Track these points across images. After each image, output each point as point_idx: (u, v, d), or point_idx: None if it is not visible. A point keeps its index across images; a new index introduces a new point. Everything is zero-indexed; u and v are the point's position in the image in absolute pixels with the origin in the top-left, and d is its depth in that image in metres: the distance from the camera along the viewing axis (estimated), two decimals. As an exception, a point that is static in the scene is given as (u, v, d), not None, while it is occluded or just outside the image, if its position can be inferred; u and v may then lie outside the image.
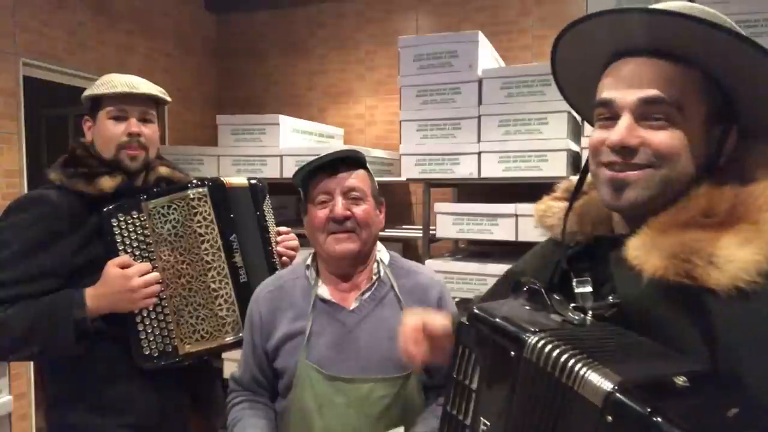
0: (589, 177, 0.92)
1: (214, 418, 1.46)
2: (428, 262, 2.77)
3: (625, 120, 0.78)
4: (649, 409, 0.58)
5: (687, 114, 0.77)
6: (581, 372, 0.65)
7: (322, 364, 1.29)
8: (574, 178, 0.98)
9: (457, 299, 2.64)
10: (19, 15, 2.89)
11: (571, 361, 0.67)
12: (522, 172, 2.56)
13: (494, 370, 0.76)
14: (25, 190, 2.93)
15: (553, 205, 0.98)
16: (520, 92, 2.57)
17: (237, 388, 1.43)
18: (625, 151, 0.78)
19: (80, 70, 3.22)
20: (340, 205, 1.30)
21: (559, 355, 0.68)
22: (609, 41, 0.82)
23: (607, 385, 0.62)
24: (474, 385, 0.79)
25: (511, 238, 2.53)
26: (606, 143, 0.80)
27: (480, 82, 2.65)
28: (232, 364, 1.48)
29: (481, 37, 2.72)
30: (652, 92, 0.77)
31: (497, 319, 0.77)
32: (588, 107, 0.90)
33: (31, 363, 2.95)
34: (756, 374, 0.66)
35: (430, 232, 2.88)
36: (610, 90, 0.81)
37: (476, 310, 0.80)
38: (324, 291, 1.36)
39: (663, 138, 0.77)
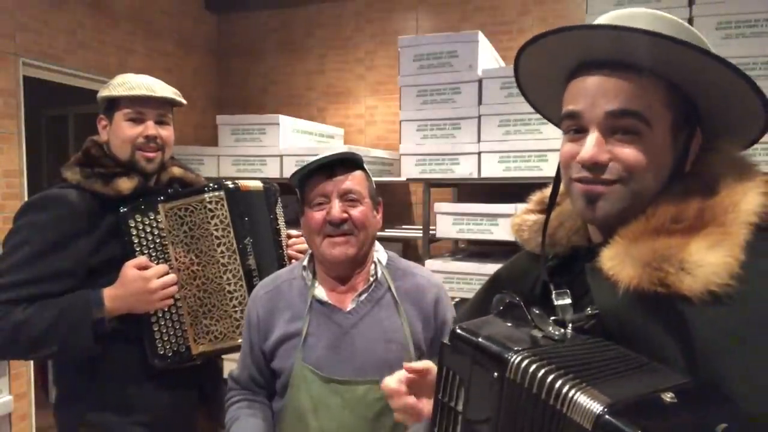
0: (561, 187, 0.93)
1: (220, 416, 1.47)
2: (428, 262, 2.77)
3: (594, 135, 0.78)
4: (640, 431, 0.58)
5: (654, 125, 0.77)
6: (569, 394, 0.64)
7: (318, 365, 1.29)
8: (548, 191, 0.98)
9: (457, 299, 2.65)
10: (19, 15, 2.89)
11: (558, 383, 0.66)
12: (522, 172, 2.56)
13: (478, 390, 0.75)
14: (25, 190, 2.93)
15: (527, 219, 0.98)
16: (520, 92, 2.57)
17: (235, 386, 1.44)
18: (595, 167, 0.78)
19: (80, 70, 3.22)
20: (336, 208, 1.29)
21: (545, 375, 0.67)
22: (574, 54, 0.82)
23: (597, 407, 0.61)
24: (459, 407, 0.78)
25: (511, 238, 2.52)
26: (577, 159, 0.80)
27: (480, 82, 2.65)
28: (231, 364, 1.48)
29: (481, 37, 2.72)
30: (619, 106, 0.77)
31: (480, 339, 0.76)
32: (555, 115, 0.90)
33: (31, 363, 2.95)
34: (736, 379, 0.66)
35: (430, 232, 2.88)
36: (576, 103, 0.81)
37: (458, 330, 0.79)
38: (321, 292, 1.35)
39: (631, 152, 0.77)
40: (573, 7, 3.33)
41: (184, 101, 1.64)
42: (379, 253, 1.42)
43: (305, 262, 1.42)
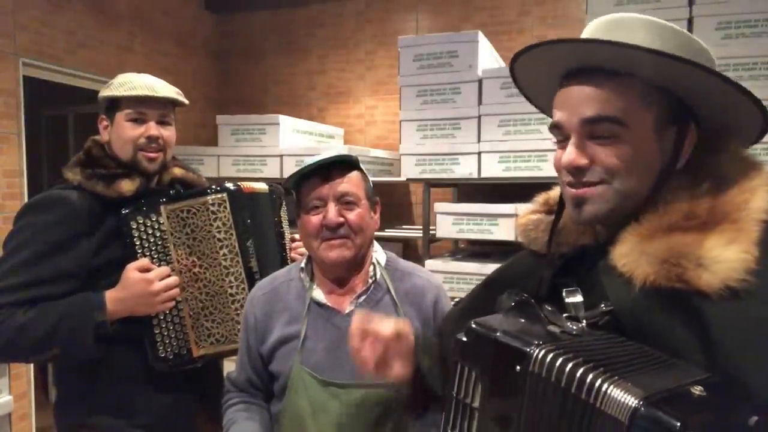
0: None
1: (220, 418, 1.47)
2: (428, 262, 2.77)
3: (573, 141, 0.82)
4: (678, 424, 0.57)
5: (632, 126, 0.78)
6: (603, 387, 0.64)
7: (316, 368, 1.28)
8: (553, 192, 1.00)
9: (457, 299, 2.64)
10: (19, 15, 2.89)
11: (590, 376, 0.65)
12: (522, 172, 2.56)
13: (498, 386, 0.74)
14: (25, 190, 2.93)
15: (533, 218, 1.00)
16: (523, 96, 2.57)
17: (233, 389, 1.43)
18: (576, 171, 0.82)
19: (80, 70, 3.22)
20: (332, 212, 1.27)
21: (574, 368, 0.66)
22: (556, 66, 0.85)
23: (633, 401, 0.61)
24: (476, 403, 0.77)
25: (511, 238, 2.53)
26: (561, 164, 0.84)
27: (480, 82, 2.65)
28: (232, 365, 1.48)
29: (481, 37, 2.72)
30: (592, 113, 0.79)
31: (498, 333, 0.75)
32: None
33: (31, 364, 2.95)
34: (755, 373, 0.66)
35: (430, 232, 2.88)
36: (558, 113, 0.84)
37: (473, 326, 0.78)
38: (319, 294, 1.34)
39: (610, 154, 0.79)
40: (573, 7, 3.33)
41: (186, 101, 1.63)
42: (378, 253, 1.41)
43: (303, 264, 1.41)
